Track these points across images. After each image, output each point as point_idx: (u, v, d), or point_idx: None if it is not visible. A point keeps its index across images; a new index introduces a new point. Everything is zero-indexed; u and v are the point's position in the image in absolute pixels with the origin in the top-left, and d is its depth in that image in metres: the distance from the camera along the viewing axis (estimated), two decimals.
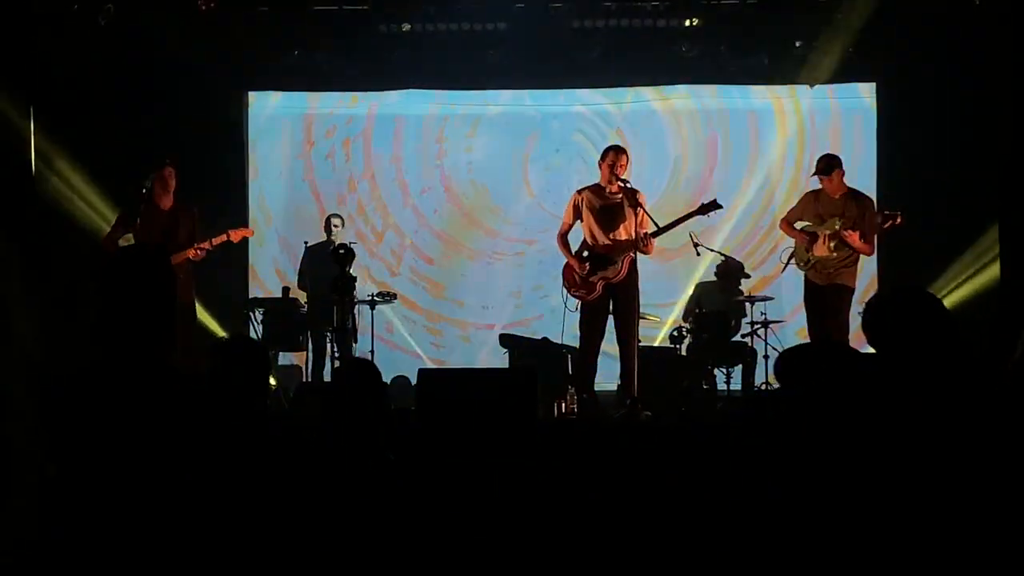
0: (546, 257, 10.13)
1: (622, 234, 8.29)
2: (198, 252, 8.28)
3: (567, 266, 8.48)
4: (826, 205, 8.55)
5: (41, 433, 2.58)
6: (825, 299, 8.52)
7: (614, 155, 8.34)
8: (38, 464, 2.56)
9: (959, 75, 10.28)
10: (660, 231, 8.35)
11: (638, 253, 8.29)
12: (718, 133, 11.58)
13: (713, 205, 8.42)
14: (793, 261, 8.78)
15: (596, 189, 8.41)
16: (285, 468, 4.11)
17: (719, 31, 10.91)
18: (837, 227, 8.41)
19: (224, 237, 8.39)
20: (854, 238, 8.36)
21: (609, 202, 8.35)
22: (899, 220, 8.43)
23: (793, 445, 3.72)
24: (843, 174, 8.52)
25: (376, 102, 11.82)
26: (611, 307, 8.38)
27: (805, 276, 8.69)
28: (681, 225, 8.51)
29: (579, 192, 8.49)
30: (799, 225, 8.72)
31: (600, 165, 8.40)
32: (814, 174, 8.62)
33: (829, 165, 8.52)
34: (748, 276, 10.65)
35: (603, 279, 8.30)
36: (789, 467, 3.71)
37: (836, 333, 8.34)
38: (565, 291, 8.50)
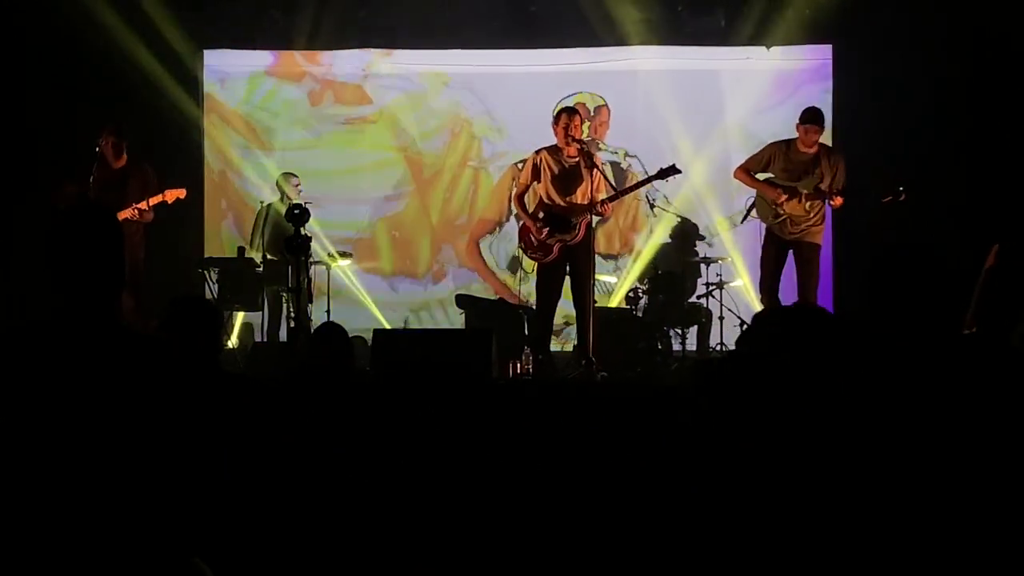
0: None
1: (579, 197, 8.31)
2: (134, 212, 8.21)
3: (524, 228, 8.49)
4: (796, 160, 8.41)
5: None
6: (792, 256, 8.50)
7: (567, 117, 8.32)
8: None
9: (916, 35, 10.31)
10: (618, 194, 8.38)
11: (594, 216, 8.32)
12: (675, 94, 11.54)
13: (672, 170, 8.43)
14: (755, 214, 8.71)
15: (554, 151, 8.40)
16: (237, 426, 4.10)
17: None
18: (817, 186, 8.30)
19: (160, 197, 8.34)
20: (837, 201, 8.29)
21: (566, 165, 8.35)
22: (903, 197, 8.16)
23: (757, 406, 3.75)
24: (822, 132, 8.47)
25: (333, 60, 11.70)
26: (567, 269, 8.41)
27: (768, 230, 8.58)
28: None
29: (537, 153, 8.48)
30: (762, 177, 8.57)
31: (554, 128, 8.38)
32: (801, 123, 8.37)
33: (815, 116, 8.36)
34: (703, 238, 10.70)
35: (560, 242, 8.31)
36: (747, 427, 3.74)
37: (810, 292, 8.33)
38: (522, 252, 8.52)
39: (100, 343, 2.71)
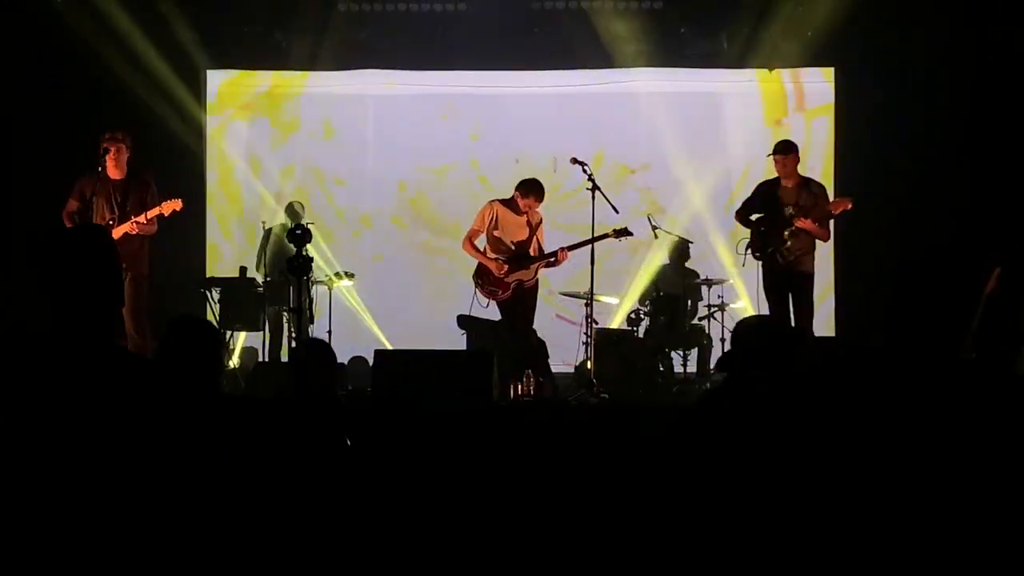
0: None
1: (529, 244, 8.79)
2: (133, 226, 8.07)
3: (481, 266, 8.80)
4: (782, 195, 8.59)
5: None
6: (787, 285, 8.57)
7: (536, 200, 8.72)
8: None
9: (916, 59, 10.34)
10: (573, 247, 8.70)
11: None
12: (677, 116, 11.55)
13: (624, 232, 8.85)
14: (750, 252, 8.82)
15: (508, 204, 8.82)
16: (237, 448, 4.09)
17: (679, 14, 10.98)
18: (790, 215, 8.47)
19: (158, 210, 8.18)
20: (806, 224, 8.42)
21: (517, 217, 8.79)
22: (850, 206, 8.53)
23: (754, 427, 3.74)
24: (798, 161, 8.60)
25: (334, 81, 11.71)
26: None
27: (763, 266, 8.71)
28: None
29: (492, 204, 8.86)
30: (755, 217, 8.76)
31: (519, 198, 8.75)
32: (771, 154, 8.64)
33: (787, 146, 8.62)
34: (692, 242, 10.65)
35: (517, 281, 8.72)
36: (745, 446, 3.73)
37: (802, 319, 8.43)
38: (477, 290, 8.74)
39: (92, 362, 2.70)
